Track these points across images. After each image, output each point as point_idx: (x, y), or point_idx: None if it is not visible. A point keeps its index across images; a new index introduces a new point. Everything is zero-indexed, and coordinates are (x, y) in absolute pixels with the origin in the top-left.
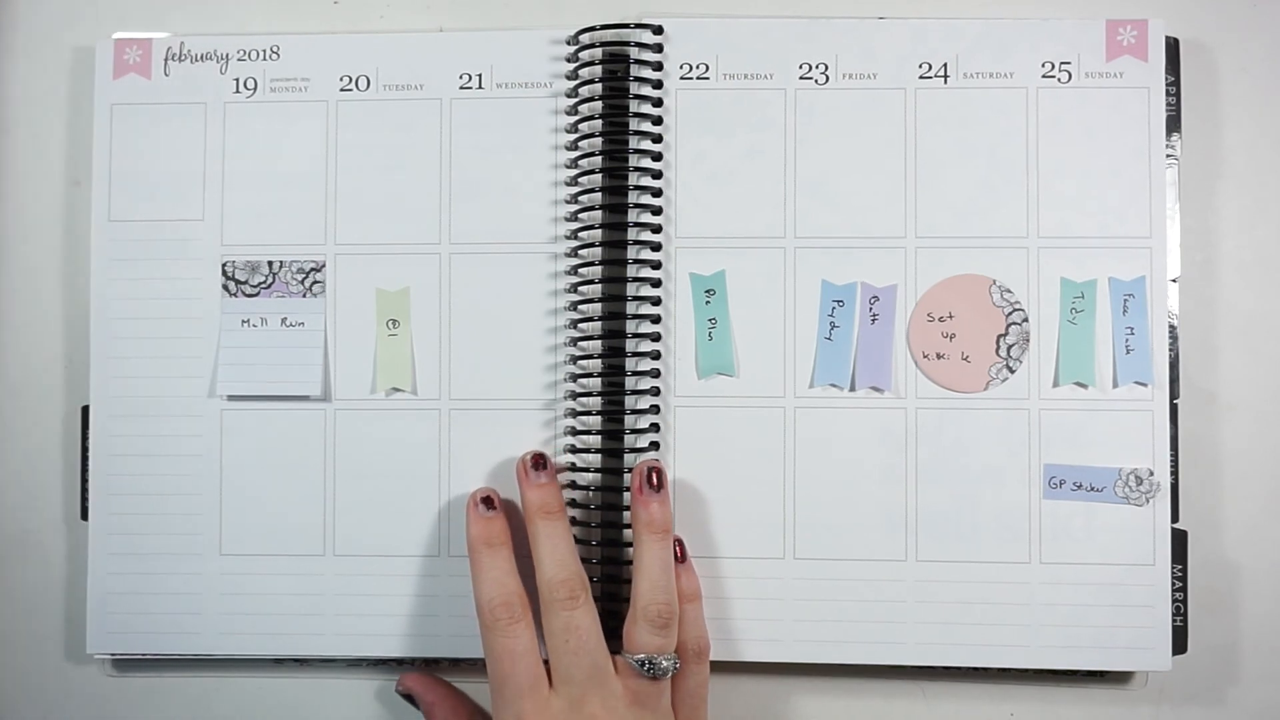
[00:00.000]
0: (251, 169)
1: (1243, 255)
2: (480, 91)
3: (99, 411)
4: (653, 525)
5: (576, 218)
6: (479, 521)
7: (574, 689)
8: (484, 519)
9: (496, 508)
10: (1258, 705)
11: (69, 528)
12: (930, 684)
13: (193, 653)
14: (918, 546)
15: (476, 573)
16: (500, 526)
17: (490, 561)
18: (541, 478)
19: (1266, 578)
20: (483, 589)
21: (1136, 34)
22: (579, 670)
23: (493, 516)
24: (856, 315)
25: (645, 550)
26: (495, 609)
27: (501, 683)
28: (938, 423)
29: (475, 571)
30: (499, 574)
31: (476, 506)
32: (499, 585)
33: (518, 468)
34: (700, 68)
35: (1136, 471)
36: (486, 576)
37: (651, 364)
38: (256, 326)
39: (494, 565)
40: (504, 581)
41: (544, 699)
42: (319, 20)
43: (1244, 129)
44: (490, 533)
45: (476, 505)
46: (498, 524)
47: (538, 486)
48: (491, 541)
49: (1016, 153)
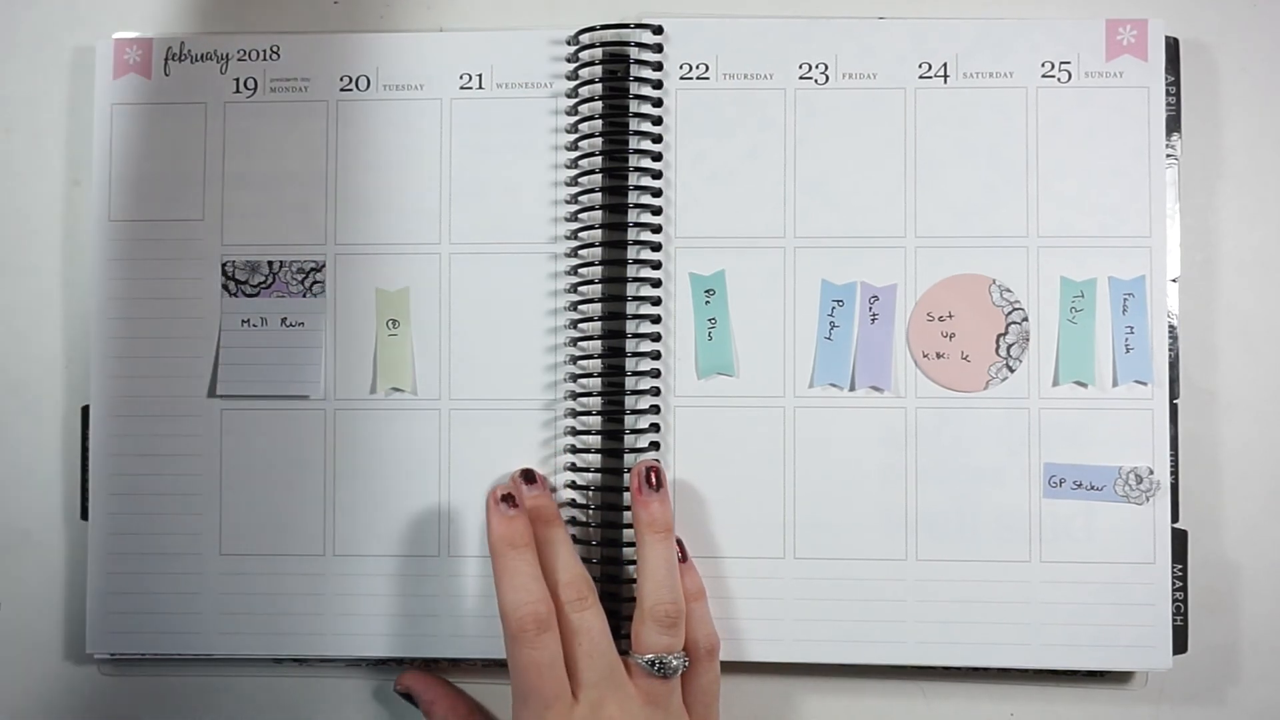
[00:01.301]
0: (251, 169)
1: (1243, 255)
2: (480, 91)
3: (99, 411)
4: (654, 525)
5: (576, 218)
6: (502, 521)
7: (592, 692)
8: (507, 518)
9: (519, 505)
10: (1258, 705)
11: (69, 528)
12: (930, 684)
13: (193, 653)
14: (918, 546)
15: (501, 577)
16: (524, 526)
17: (516, 565)
18: (535, 490)
19: (1266, 578)
20: (509, 595)
21: (1136, 34)
22: (594, 672)
23: (516, 515)
24: (856, 315)
25: (649, 550)
26: (523, 620)
27: (526, 694)
28: (938, 422)
29: (500, 575)
30: (525, 579)
31: (498, 504)
32: (526, 592)
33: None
34: (700, 68)
35: (1136, 470)
36: (513, 582)
37: (651, 364)
38: (256, 326)
39: (519, 570)
40: (530, 588)
41: (567, 709)
42: (319, 20)
43: (1244, 129)
44: (514, 532)
45: (498, 503)
46: (520, 523)
47: (532, 498)
48: (515, 542)
49: (1016, 152)
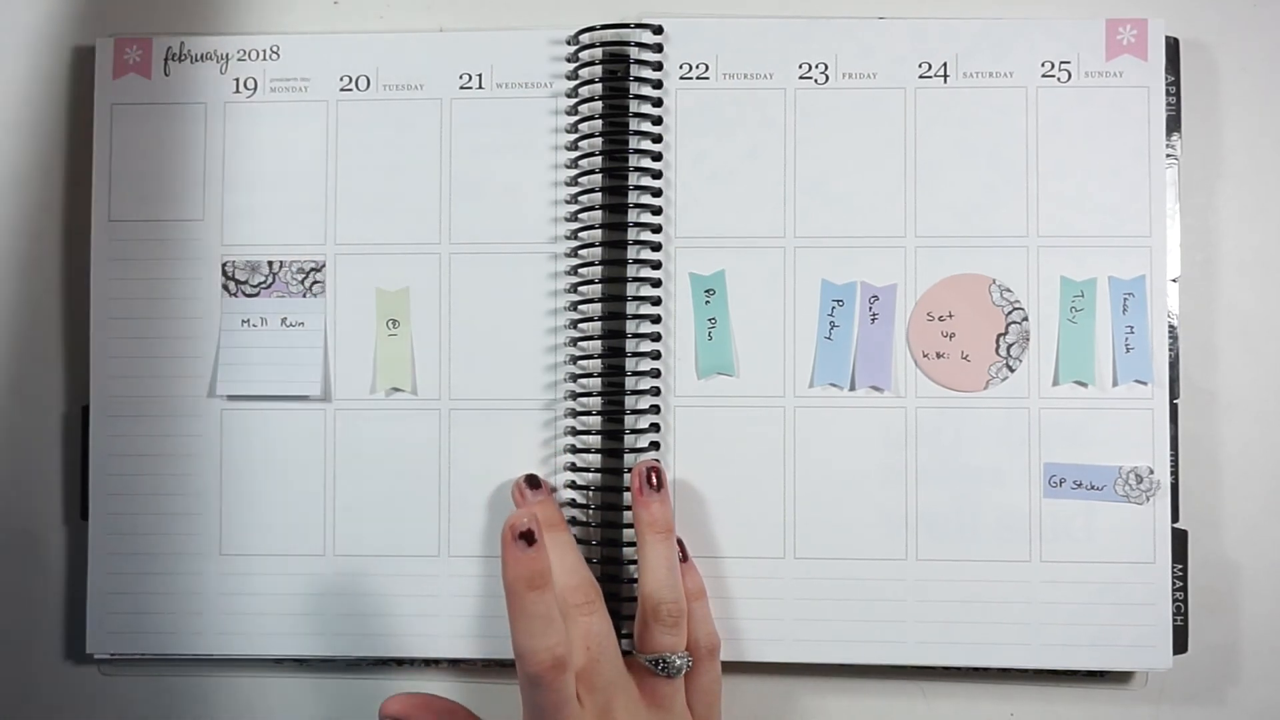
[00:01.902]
0: (251, 169)
1: (1243, 255)
2: (480, 91)
3: (99, 411)
4: (655, 525)
5: (576, 218)
6: (521, 560)
7: (599, 696)
8: (527, 557)
9: (538, 541)
10: (1258, 705)
11: (69, 528)
12: (930, 684)
13: (193, 653)
14: (918, 546)
15: (518, 618)
16: (544, 564)
17: (535, 608)
18: (539, 495)
19: (1266, 578)
20: (527, 640)
21: (1136, 33)
22: (600, 677)
23: (536, 554)
24: (856, 315)
25: (650, 550)
26: (543, 664)
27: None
28: (938, 422)
29: (517, 616)
30: (544, 623)
31: (517, 541)
32: (545, 636)
33: (513, 491)
34: (700, 68)
35: (1136, 470)
36: (531, 627)
37: (651, 364)
38: (256, 326)
39: (538, 613)
40: (549, 632)
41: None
42: (319, 20)
43: (1244, 129)
44: (533, 572)
45: (516, 540)
46: (541, 561)
47: (538, 504)
48: (535, 583)
49: (1016, 152)
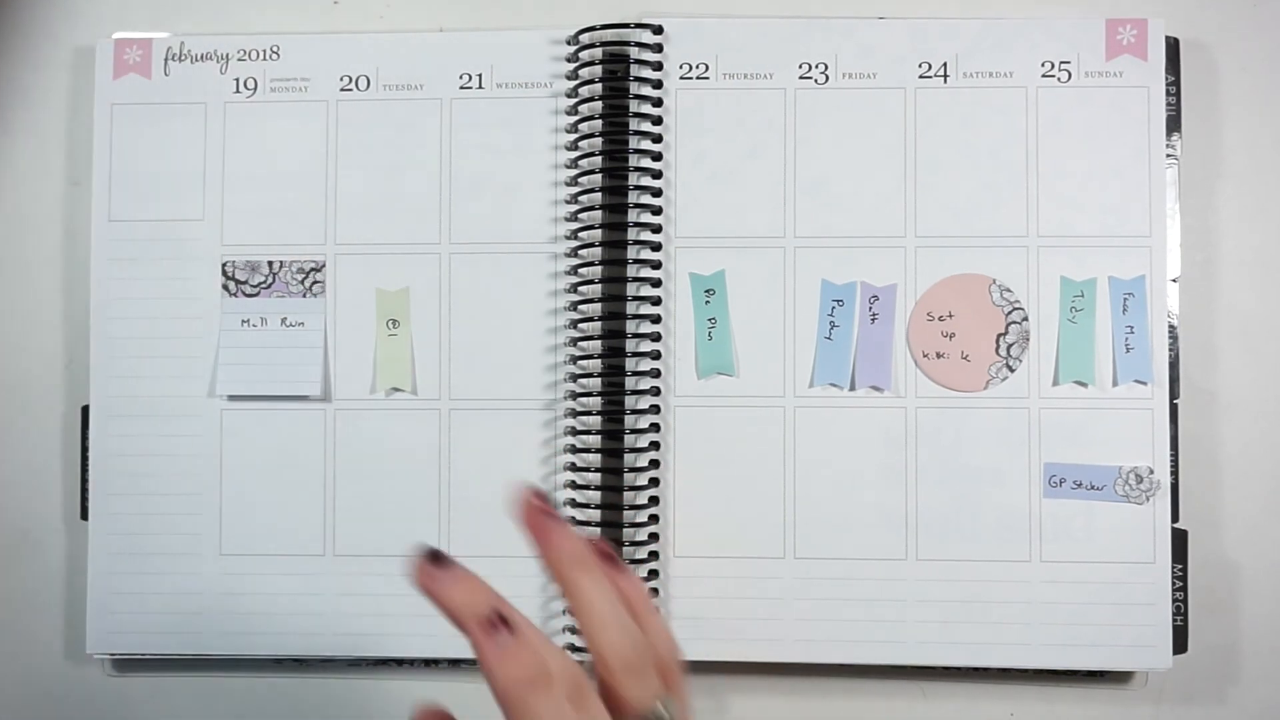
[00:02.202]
0: (251, 169)
1: (1243, 255)
2: (480, 91)
3: (99, 411)
4: (575, 559)
5: (576, 218)
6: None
7: None
8: (508, 652)
9: (515, 628)
10: (1258, 705)
11: (69, 528)
12: (930, 684)
13: (193, 653)
14: (918, 546)
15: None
16: (535, 655)
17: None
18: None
19: (1266, 578)
20: None
21: (1136, 33)
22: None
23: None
24: (856, 315)
25: (583, 593)
26: None
27: None
28: (938, 422)
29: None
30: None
31: (490, 635)
32: None
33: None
34: (700, 68)
35: (1136, 470)
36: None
37: (651, 364)
38: (256, 326)
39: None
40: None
41: None
42: (319, 20)
43: (1244, 129)
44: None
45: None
46: (528, 654)
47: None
48: (536, 681)
49: (1016, 152)
